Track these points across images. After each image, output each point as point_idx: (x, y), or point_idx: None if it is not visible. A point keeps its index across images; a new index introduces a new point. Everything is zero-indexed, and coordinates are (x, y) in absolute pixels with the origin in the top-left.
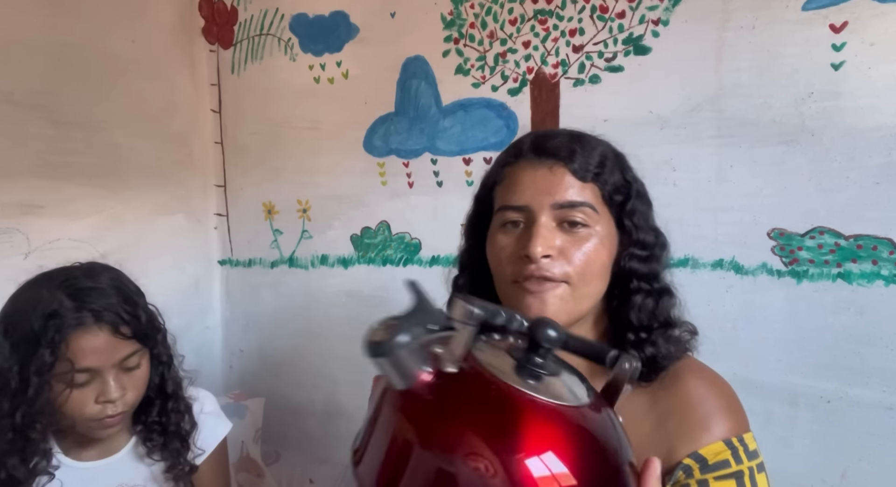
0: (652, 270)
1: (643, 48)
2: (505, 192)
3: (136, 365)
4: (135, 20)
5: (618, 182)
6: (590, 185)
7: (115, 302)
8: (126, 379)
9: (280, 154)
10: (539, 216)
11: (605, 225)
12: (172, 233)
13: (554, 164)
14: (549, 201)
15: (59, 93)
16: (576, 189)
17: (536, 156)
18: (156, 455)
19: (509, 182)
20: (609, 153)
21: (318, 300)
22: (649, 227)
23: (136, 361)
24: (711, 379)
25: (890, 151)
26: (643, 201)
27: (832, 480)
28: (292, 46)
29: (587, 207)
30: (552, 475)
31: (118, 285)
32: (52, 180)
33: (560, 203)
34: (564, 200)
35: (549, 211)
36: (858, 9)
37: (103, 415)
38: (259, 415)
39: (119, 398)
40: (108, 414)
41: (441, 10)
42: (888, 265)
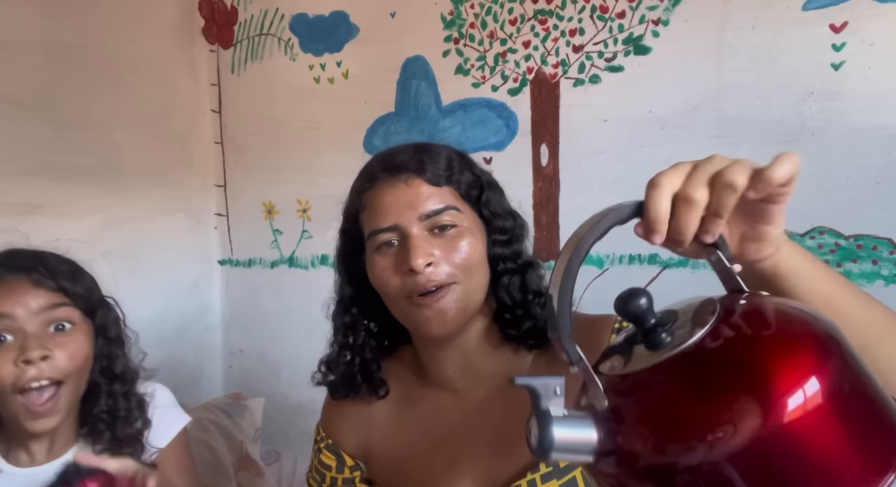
0: (514, 250)
1: (643, 48)
2: (371, 218)
3: (67, 325)
4: (135, 20)
5: (469, 179)
6: (446, 188)
7: (42, 257)
8: (54, 341)
9: (280, 154)
10: (410, 230)
11: (470, 220)
12: (172, 233)
13: (409, 178)
14: (414, 215)
15: (59, 94)
16: (435, 195)
17: (390, 174)
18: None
19: (372, 207)
20: (453, 155)
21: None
22: (506, 213)
23: (65, 315)
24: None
25: (890, 151)
26: (495, 190)
27: None
28: (292, 46)
29: (450, 209)
30: (805, 399)
31: (51, 251)
32: (52, 180)
33: (425, 213)
34: (428, 210)
35: (417, 223)
36: (858, 9)
37: (23, 382)
38: (258, 415)
39: (40, 358)
40: (29, 378)
41: (441, 10)
42: (888, 265)
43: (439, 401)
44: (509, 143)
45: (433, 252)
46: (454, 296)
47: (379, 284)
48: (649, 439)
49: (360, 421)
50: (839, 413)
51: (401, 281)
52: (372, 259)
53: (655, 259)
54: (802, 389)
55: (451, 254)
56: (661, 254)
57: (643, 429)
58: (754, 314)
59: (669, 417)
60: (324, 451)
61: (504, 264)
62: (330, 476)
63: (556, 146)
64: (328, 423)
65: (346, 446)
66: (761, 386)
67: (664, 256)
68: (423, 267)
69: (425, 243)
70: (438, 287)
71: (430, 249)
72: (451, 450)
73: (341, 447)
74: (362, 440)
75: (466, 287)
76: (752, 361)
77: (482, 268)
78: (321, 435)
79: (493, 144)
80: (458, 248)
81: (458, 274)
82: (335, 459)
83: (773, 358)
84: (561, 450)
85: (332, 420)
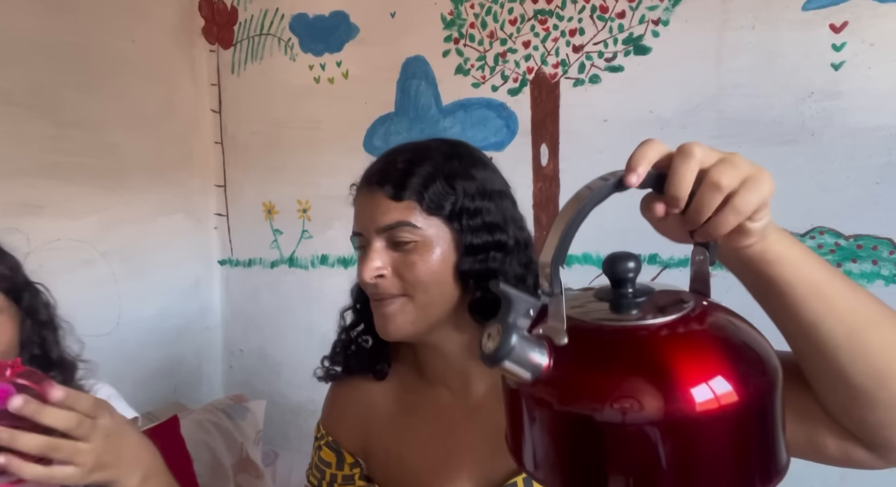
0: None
1: (643, 48)
2: (354, 220)
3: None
4: (135, 20)
5: (437, 192)
6: (405, 203)
7: None
8: None
9: (280, 154)
10: (371, 241)
11: (435, 235)
12: (172, 233)
13: (374, 189)
14: (373, 226)
15: (59, 94)
16: (394, 210)
17: (364, 183)
18: None
19: (355, 211)
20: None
21: (318, 300)
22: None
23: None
24: None
25: (890, 151)
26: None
27: (832, 480)
28: (292, 46)
29: (404, 226)
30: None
31: None
32: (52, 180)
33: (380, 227)
34: (383, 224)
35: (376, 235)
36: (858, 9)
37: None
38: (260, 417)
39: None
40: None
41: (441, 10)
42: (888, 265)
43: (436, 399)
44: (509, 143)
45: (380, 265)
46: (400, 308)
47: None
48: (581, 384)
49: (359, 419)
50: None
51: (363, 284)
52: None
53: (655, 259)
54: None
55: (402, 269)
56: (661, 254)
57: (581, 375)
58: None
59: (603, 374)
60: (324, 448)
61: (475, 282)
62: (329, 473)
63: (556, 146)
64: (329, 420)
65: (345, 443)
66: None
67: (664, 256)
68: (370, 278)
69: (378, 256)
70: (387, 297)
71: (380, 262)
72: (449, 448)
73: (341, 444)
74: (361, 437)
75: (419, 301)
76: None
77: (440, 286)
78: (321, 433)
79: (493, 144)
80: (409, 264)
81: (409, 289)
82: (335, 456)
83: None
84: (514, 362)
85: (333, 418)
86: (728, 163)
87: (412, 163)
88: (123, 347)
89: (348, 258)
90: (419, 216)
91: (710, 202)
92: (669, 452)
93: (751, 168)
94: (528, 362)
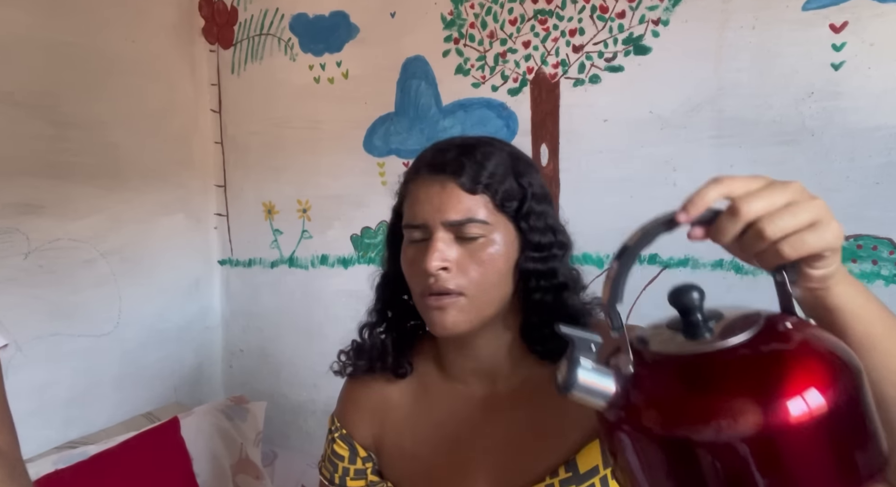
0: (550, 268)
1: (643, 48)
2: (407, 209)
3: None
4: (135, 20)
5: (509, 189)
6: (479, 197)
7: None
8: None
9: (280, 154)
10: (435, 232)
11: (501, 231)
12: (172, 233)
13: (445, 179)
14: (441, 218)
15: (59, 93)
16: (466, 204)
17: (430, 171)
18: None
19: (410, 199)
20: (503, 160)
21: (318, 300)
22: (546, 228)
23: None
24: None
25: (890, 151)
26: (541, 202)
27: None
28: (292, 46)
29: (474, 222)
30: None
31: None
32: (52, 180)
33: (449, 221)
34: (454, 219)
35: (442, 227)
36: (858, 9)
37: None
38: (260, 419)
39: None
40: None
41: (441, 10)
42: (888, 265)
43: (456, 399)
44: None
45: (450, 258)
46: (458, 304)
47: (406, 274)
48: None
49: (374, 413)
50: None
51: (419, 278)
52: (405, 248)
53: (655, 259)
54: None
55: (468, 266)
56: (660, 254)
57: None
58: (789, 337)
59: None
60: (337, 441)
61: (536, 281)
62: (342, 467)
63: (556, 146)
64: (343, 413)
65: (359, 437)
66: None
67: (664, 256)
68: (436, 270)
69: (446, 248)
70: (446, 292)
71: (448, 255)
72: (465, 449)
73: (354, 438)
74: (375, 432)
75: (476, 302)
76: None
77: (499, 286)
78: (336, 425)
79: None
80: (477, 261)
81: (469, 287)
82: (348, 450)
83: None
84: (582, 391)
85: (348, 411)
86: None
87: (487, 157)
88: (123, 347)
89: (348, 258)
90: (490, 211)
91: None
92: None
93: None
94: (598, 390)
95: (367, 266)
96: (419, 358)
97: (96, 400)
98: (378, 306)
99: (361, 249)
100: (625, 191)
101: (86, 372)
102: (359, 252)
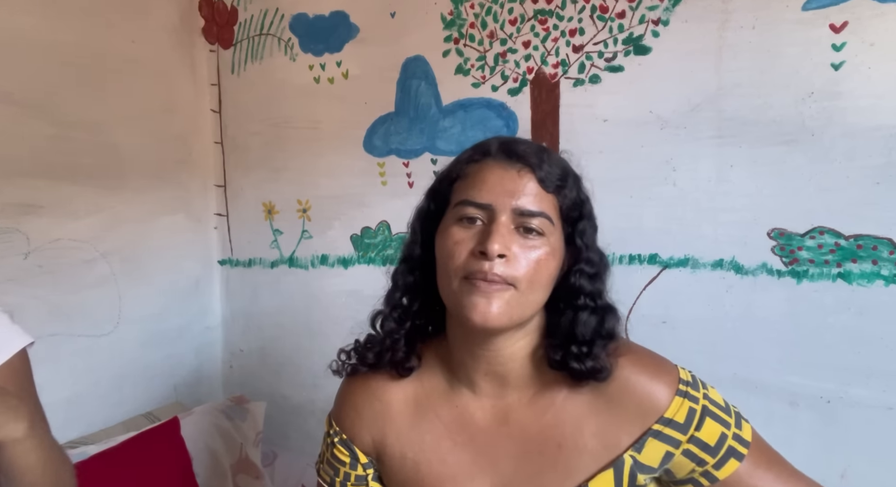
0: (597, 288)
1: (643, 48)
2: (468, 188)
3: None
4: (135, 20)
5: (575, 198)
6: (551, 197)
7: None
8: None
9: (280, 154)
10: (500, 216)
11: (556, 237)
12: (172, 233)
13: (523, 168)
14: (511, 204)
15: (59, 93)
16: (539, 197)
17: (506, 157)
18: None
19: (474, 179)
20: (570, 170)
21: (318, 300)
22: (595, 248)
23: None
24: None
25: (890, 151)
26: (592, 223)
27: (832, 480)
28: (292, 46)
29: (545, 218)
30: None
31: None
32: (52, 180)
33: (522, 209)
34: (526, 207)
35: (510, 213)
36: (858, 9)
37: None
38: (260, 419)
39: None
40: None
41: (441, 10)
42: (888, 265)
43: (464, 405)
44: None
45: (510, 245)
46: (508, 298)
47: (444, 255)
48: None
49: (374, 418)
50: None
51: (467, 259)
52: (449, 228)
53: (655, 259)
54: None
55: (523, 260)
56: (660, 254)
57: None
58: None
59: None
60: (337, 446)
61: (584, 299)
62: (344, 472)
63: (557, 146)
64: (341, 417)
65: (359, 442)
66: None
67: (664, 256)
68: (496, 254)
69: (508, 234)
70: (498, 280)
71: (510, 242)
72: (471, 458)
73: (354, 442)
74: (375, 437)
75: (523, 298)
76: None
77: (545, 289)
78: (334, 428)
79: None
80: (533, 257)
81: (521, 281)
82: (349, 455)
83: None
84: None
85: (346, 415)
86: None
87: (561, 162)
88: (123, 347)
89: (348, 258)
90: (555, 215)
91: None
92: None
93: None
94: None
95: (367, 266)
96: (425, 359)
97: (96, 399)
98: (397, 294)
99: (361, 249)
100: (625, 191)
101: (86, 372)
102: (359, 252)
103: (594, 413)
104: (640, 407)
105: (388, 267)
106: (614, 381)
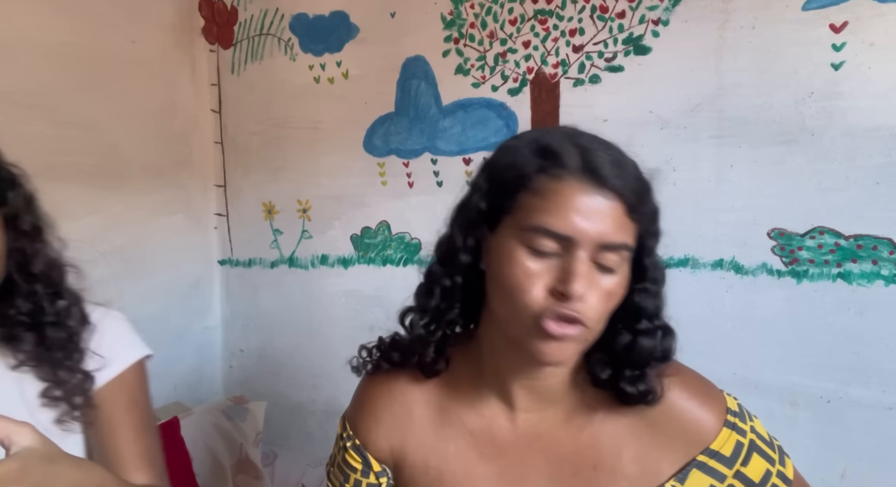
0: (657, 306)
1: (643, 48)
2: (543, 212)
3: None
4: (135, 20)
5: (657, 229)
6: (633, 224)
7: None
8: None
9: (280, 154)
10: (580, 250)
11: (627, 265)
12: (172, 233)
13: (609, 194)
14: (594, 237)
15: (59, 94)
16: (621, 225)
17: (591, 178)
18: (28, 365)
19: (552, 202)
20: (648, 183)
21: (318, 300)
22: (660, 264)
23: None
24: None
25: (890, 151)
26: (659, 236)
27: (832, 480)
28: (292, 46)
29: (626, 250)
30: None
31: None
32: (52, 180)
33: (605, 242)
34: (610, 240)
35: (591, 247)
36: (858, 9)
37: None
38: (260, 419)
39: None
40: None
41: (441, 10)
42: (888, 265)
43: (492, 415)
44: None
45: (591, 283)
46: (578, 339)
47: (510, 284)
48: None
49: (394, 424)
50: None
51: (542, 297)
52: (515, 253)
53: None
54: None
55: (597, 295)
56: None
57: None
58: None
59: None
60: (349, 451)
61: (645, 322)
62: (354, 479)
63: None
64: (356, 421)
65: (374, 449)
66: None
67: (664, 256)
68: (580, 295)
69: (590, 274)
70: (575, 321)
71: (593, 282)
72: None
73: (368, 449)
74: (395, 445)
75: (591, 334)
76: None
77: (609, 317)
78: (348, 433)
79: (493, 144)
80: (608, 292)
81: (593, 318)
82: (361, 462)
83: None
84: None
85: (362, 420)
86: None
87: (648, 185)
88: None
89: (348, 258)
90: (634, 240)
91: None
92: None
93: None
94: None
95: (367, 266)
96: (452, 361)
97: None
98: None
99: (361, 249)
100: None
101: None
102: (359, 252)
103: (635, 436)
104: (685, 435)
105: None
106: (659, 404)
